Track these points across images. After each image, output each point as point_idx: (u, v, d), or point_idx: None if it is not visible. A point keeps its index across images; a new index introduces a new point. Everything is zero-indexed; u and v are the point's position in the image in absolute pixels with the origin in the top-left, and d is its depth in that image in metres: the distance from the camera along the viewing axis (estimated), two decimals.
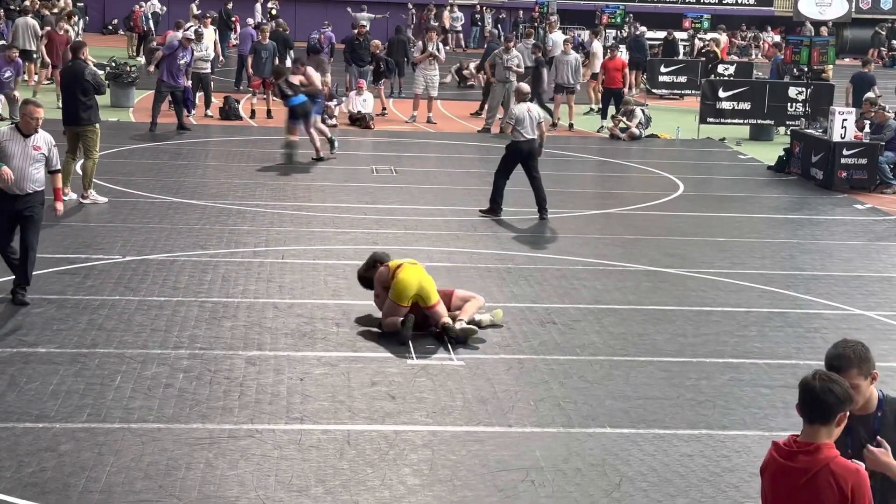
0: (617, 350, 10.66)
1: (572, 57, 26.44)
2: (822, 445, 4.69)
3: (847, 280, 13.70)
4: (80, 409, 8.66)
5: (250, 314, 11.25)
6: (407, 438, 8.41)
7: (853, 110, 21.09)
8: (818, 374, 4.79)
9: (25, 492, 7.27)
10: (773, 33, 49.85)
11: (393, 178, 19.32)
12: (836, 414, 4.71)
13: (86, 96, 16.01)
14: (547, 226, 15.98)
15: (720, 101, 25.39)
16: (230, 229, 14.87)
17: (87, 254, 13.26)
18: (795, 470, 4.71)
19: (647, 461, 8.23)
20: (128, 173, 18.35)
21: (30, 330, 10.45)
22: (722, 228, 16.34)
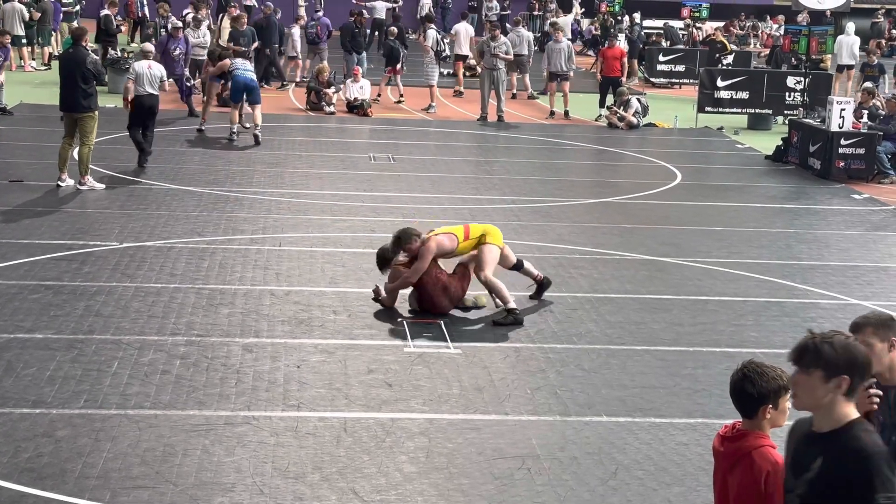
0: (614, 339, 10.67)
1: (564, 44, 26.36)
2: (749, 433, 4.73)
3: (844, 270, 13.71)
4: (77, 395, 8.66)
5: (247, 301, 11.25)
6: (403, 426, 8.42)
7: (850, 100, 21.09)
8: (743, 367, 4.73)
9: (22, 477, 7.28)
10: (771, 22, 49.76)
11: (390, 165, 19.31)
12: (754, 408, 4.67)
13: (86, 84, 15.99)
14: (545, 215, 15.97)
15: (718, 90, 25.38)
16: (227, 216, 14.86)
17: (85, 240, 13.25)
18: (724, 455, 4.83)
19: (644, 450, 8.24)
20: (125, 160, 18.31)
21: (27, 315, 10.44)
22: (719, 218, 16.35)
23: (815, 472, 4.13)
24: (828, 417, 4.17)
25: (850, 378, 4.11)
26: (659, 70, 32.85)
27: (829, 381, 4.12)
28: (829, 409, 4.16)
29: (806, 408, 4.22)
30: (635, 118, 24.93)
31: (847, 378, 4.11)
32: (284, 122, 23.27)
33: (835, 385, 4.11)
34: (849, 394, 4.15)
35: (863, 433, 4.11)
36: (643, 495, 7.55)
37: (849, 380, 4.11)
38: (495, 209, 16.12)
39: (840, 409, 4.15)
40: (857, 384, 4.16)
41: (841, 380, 4.11)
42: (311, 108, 25.14)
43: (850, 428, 4.13)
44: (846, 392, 4.14)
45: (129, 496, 7.13)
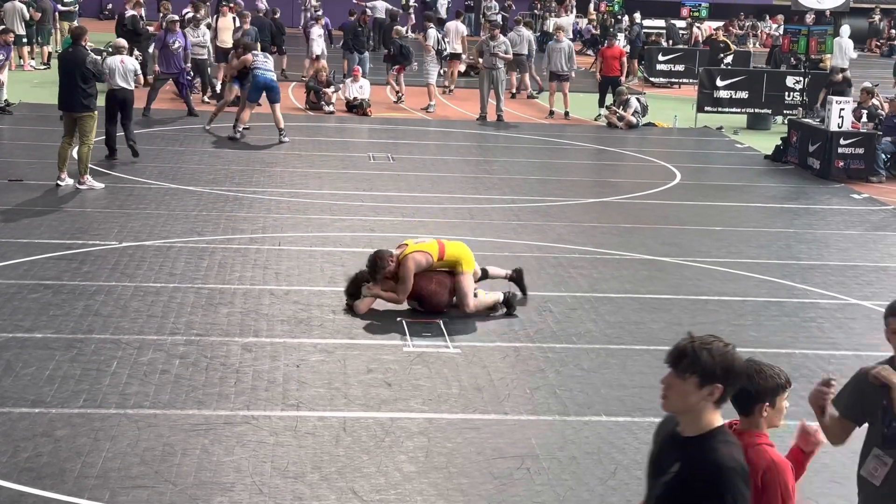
0: (613, 338, 10.67)
1: (565, 44, 26.36)
2: (744, 433, 4.73)
3: (843, 269, 13.71)
4: (77, 394, 8.66)
5: (247, 301, 11.25)
6: (403, 426, 8.42)
7: (850, 99, 21.09)
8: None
9: (21, 477, 7.28)
10: (770, 22, 49.77)
11: (390, 165, 19.31)
12: (751, 406, 4.68)
13: (86, 83, 15.98)
14: (544, 214, 15.97)
15: (718, 90, 25.39)
16: (227, 216, 14.86)
17: (84, 239, 13.25)
18: None
19: (643, 449, 8.22)
20: (124, 159, 18.31)
21: (26, 315, 10.44)
22: (718, 217, 16.35)
23: (672, 476, 4.08)
24: (694, 423, 4.11)
25: (723, 387, 4.05)
26: (658, 70, 32.86)
27: (703, 388, 4.05)
28: (698, 414, 4.09)
29: (675, 410, 4.16)
30: (634, 118, 24.93)
31: (721, 387, 4.05)
32: (284, 121, 23.24)
33: (708, 392, 4.05)
34: (719, 402, 4.09)
35: (721, 444, 4.04)
36: (642, 495, 7.53)
37: (722, 388, 4.05)
38: (495, 209, 16.12)
39: (707, 415, 4.09)
40: (730, 393, 4.11)
41: (714, 388, 4.05)
42: (310, 108, 25.13)
43: (711, 437, 4.07)
44: (717, 400, 4.07)
45: (129, 496, 7.13)
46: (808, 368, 10.10)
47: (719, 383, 4.04)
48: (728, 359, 4.06)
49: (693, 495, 4.00)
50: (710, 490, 3.96)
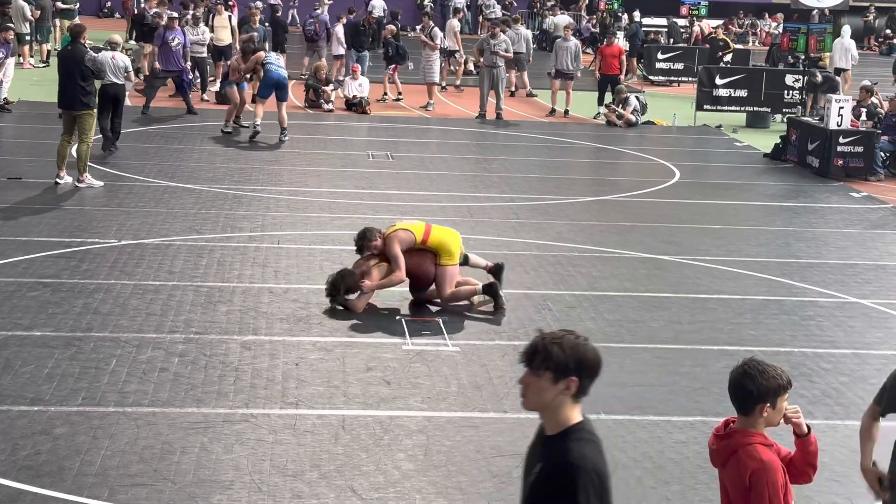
0: (612, 337, 10.67)
1: (572, 43, 26.38)
2: (739, 432, 4.75)
3: (842, 268, 13.71)
4: (75, 392, 8.66)
5: (246, 299, 11.25)
6: (402, 424, 8.42)
7: (849, 98, 21.09)
8: (744, 363, 4.72)
9: (20, 475, 7.28)
10: (770, 20, 49.76)
11: (389, 163, 19.30)
12: (751, 405, 4.69)
13: (85, 81, 15.98)
14: (543, 212, 15.97)
15: (717, 89, 25.38)
16: (226, 214, 14.85)
17: (83, 237, 13.25)
18: (717, 452, 4.86)
19: (642, 447, 8.24)
20: (123, 157, 18.32)
21: (25, 313, 10.44)
22: (718, 216, 16.35)
23: (534, 476, 4.03)
24: (554, 420, 4.07)
25: (578, 379, 4.02)
26: (658, 68, 32.85)
27: (558, 383, 4.01)
28: (556, 411, 4.05)
29: (534, 409, 4.10)
30: (634, 116, 24.92)
31: (575, 379, 4.02)
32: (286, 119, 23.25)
33: (563, 386, 4.01)
34: (577, 395, 4.05)
35: (575, 442, 4.00)
36: (641, 493, 7.55)
37: (577, 381, 4.02)
38: (494, 207, 16.12)
39: (565, 411, 4.05)
40: (587, 385, 4.06)
41: (569, 381, 4.02)
42: (309, 106, 25.13)
43: (567, 435, 4.03)
44: (575, 393, 4.04)
45: (128, 494, 7.13)
46: (807, 367, 10.10)
47: (573, 376, 4.01)
48: (580, 351, 4.03)
49: (549, 496, 3.94)
50: (562, 490, 3.92)
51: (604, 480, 3.96)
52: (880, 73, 33.51)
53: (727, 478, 4.79)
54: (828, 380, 9.83)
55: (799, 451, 4.91)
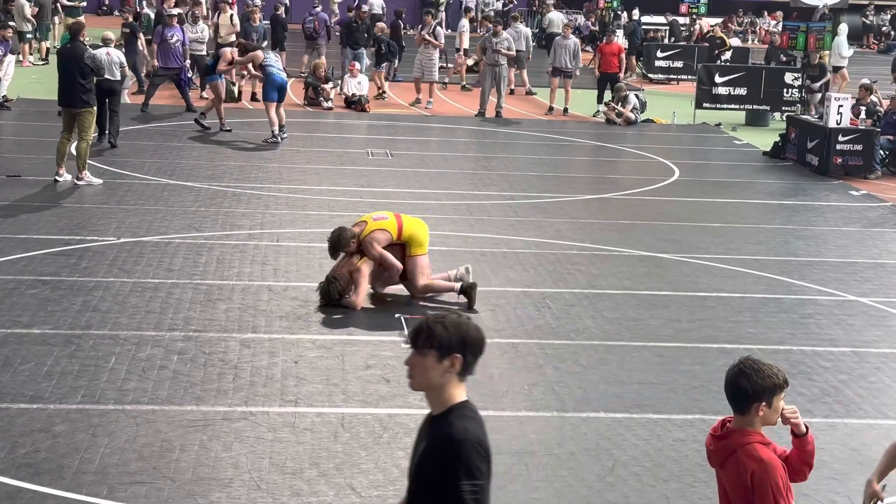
0: (611, 335, 10.67)
1: (571, 41, 26.37)
2: (736, 431, 4.75)
3: (841, 266, 13.71)
4: (75, 390, 8.66)
5: (245, 297, 11.25)
6: (401, 421, 8.42)
7: (848, 96, 21.09)
8: (740, 362, 4.74)
9: (19, 472, 7.28)
10: (769, 18, 49.76)
11: (388, 161, 19.30)
12: (748, 404, 4.69)
13: (84, 79, 15.97)
14: (542, 211, 15.97)
15: (716, 87, 25.37)
16: (225, 212, 14.85)
17: (82, 235, 13.24)
18: (714, 452, 4.86)
19: (641, 446, 8.25)
20: (123, 155, 18.32)
21: (24, 311, 10.44)
22: (717, 214, 16.35)
23: (419, 456, 4.10)
24: (439, 400, 4.13)
25: (462, 356, 4.07)
26: (657, 66, 32.84)
27: (443, 361, 4.07)
28: (442, 390, 4.12)
29: (420, 388, 4.17)
30: (633, 114, 24.92)
31: (459, 356, 4.07)
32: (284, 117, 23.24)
33: (448, 364, 4.07)
34: (462, 373, 4.10)
35: (458, 419, 4.06)
36: (640, 491, 7.55)
37: (461, 358, 4.07)
38: (493, 205, 16.12)
39: (450, 390, 4.12)
40: (472, 362, 4.12)
41: (454, 359, 4.07)
42: (308, 104, 25.12)
43: (451, 413, 4.10)
44: (460, 371, 4.09)
45: (127, 491, 7.13)
46: (806, 365, 10.11)
47: (457, 353, 4.07)
48: (462, 329, 4.09)
49: (432, 471, 4.01)
50: (444, 463, 3.98)
51: (487, 453, 4.04)
52: (879, 71, 33.50)
53: (726, 478, 4.79)
54: (827, 378, 9.83)
55: (796, 450, 4.90)
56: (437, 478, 3.99)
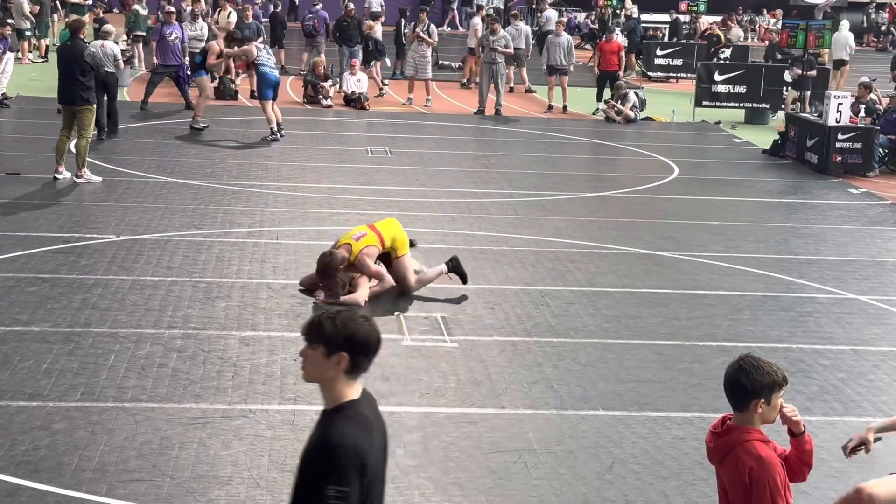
0: (610, 333, 10.68)
1: (564, 38, 26.37)
2: (735, 429, 4.76)
3: (841, 264, 13.72)
4: (74, 387, 8.66)
5: (244, 294, 11.25)
6: (400, 420, 8.42)
7: (848, 94, 21.09)
8: (740, 359, 4.75)
9: (19, 470, 7.28)
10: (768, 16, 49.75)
11: (388, 159, 19.30)
12: (746, 401, 4.70)
13: (84, 77, 15.96)
14: (542, 208, 15.97)
15: (716, 85, 25.38)
16: (224, 209, 14.85)
17: (81, 233, 13.24)
18: (713, 450, 4.86)
19: (640, 444, 8.25)
20: (122, 152, 18.32)
21: (23, 308, 10.44)
22: (716, 212, 16.35)
23: (303, 452, 4.09)
24: (330, 395, 4.16)
25: (348, 355, 4.08)
26: (656, 64, 32.83)
27: (330, 358, 4.09)
28: (330, 386, 4.14)
29: (311, 381, 4.20)
30: (633, 112, 24.93)
31: (346, 355, 4.08)
32: (282, 115, 23.23)
33: (335, 361, 4.08)
34: (350, 372, 4.11)
35: (340, 420, 4.07)
36: (639, 489, 7.55)
37: (347, 357, 4.08)
38: (492, 203, 16.12)
39: (339, 387, 4.13)
40: (360, 362, 4.11)
41: (340, 357, 4.08)
42: (308, 102, 25.11)
43: (337, 411, 4.11)
44: (347, 370, 4.10)
45: (126, 489, 7.13)
46: (805, 363, 10.11)
47: (344, 352, 4.08)
48: (351, 328, 4.09)
49: (309, 475, 3.99)
50: (315, 464, 3.98)
51: (362, 459, 3.99)
52: (879, 69, 33.50)
53: (725, 475, 4.80)
54: (826, 376, 9.84)
55: (794, 450, 4.91)
56: (308, 478, 3.98)
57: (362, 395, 4.17)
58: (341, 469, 3.94)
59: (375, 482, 4.09)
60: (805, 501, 7.28)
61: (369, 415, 4.15)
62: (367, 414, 4.13)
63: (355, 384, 4.15)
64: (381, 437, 4.18)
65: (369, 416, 4.14)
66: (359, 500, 3.97)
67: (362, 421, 4.10)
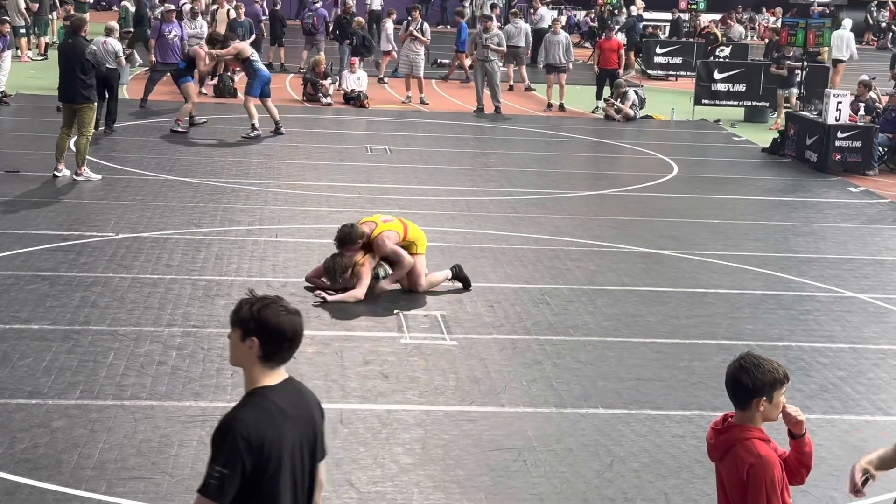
0: (610, 331, 10.68)
1: (562, 36, 26.36)
2: (736, 426, 4.75)
3: (840, 263, 13.72)
4: (73, 385, 8.66)
5: (244, 292, 11.21)
6: (400, 418, 8.43)
7: (847, 92, 21.08)
8: (741, 357, 4.76)
9: (18, 468, 7.28)
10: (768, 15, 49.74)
11: (387, 157, 19.30)
12: (748, 399, 4.70)
13: (85, 74, 15.94)
14: (541, 207, 15.97)
15: (715, 83, 25.37)
16: (224, 207, 14.85)
17: (81, 231, 13.24)
18: (714, 446, 4.86)
19: (639, 442, 8.25)
20: (122, 150, 18.32)
21: (23, 306, 10.44)
22: (716, 210, 16.35)
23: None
24: (247, 378, 4.21)
25: (259, 341, 4.11)
26: (656, 62, 32.82)
27: (244, 341, 4.14)
28: (247, 370, 4.19)
29: (232, 363, 4.26)
30: (632, 110, 24.92)
31: (256, 340, 4.12)
32: (281, 113, 23.18)
33: (248, 346, 4.13)
34: (265, 358, 4.14)
35: (243, 404, 4.14)
36: (639, 487, 7.55)
37: (258, 342, 4.11)
38: (492, 201, 16.12)
39: (254, 372, 4.18)
40: (274, 350, 4.14)
41: (252, 341, 4.12)
42: (307, 100, 25.11)
43: (247, 395, 4.18)
44: (261, 356, 4.13)
45: (125, 487, 7.13)
46: (805, 361, 10.11)
47: (255, 337, 4.12)
48: (265, 314, 4.13)
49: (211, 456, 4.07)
50: (211, 445, 4.06)
51: (257, 446, 4.02)
52: (878, 67, 33.50)
53: (724, 472, 4.80)
54: (825, 374, 9.84)
55: (794, 452, 4.91)
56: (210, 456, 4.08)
57: (284, 384, 4.20)
58: (227, 452, 4.00)
59: (282, 473, 4.09)
60: (805, 500, 7.28)
61: (284, 405, 4.16)
62: (280, 403, 4.15)
63: (273, 372, 4.18)
64: (302, 430, 4.18)
65: (283, 405, 4.15)
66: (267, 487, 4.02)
67: (271, 409, 4.12)
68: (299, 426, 4.18)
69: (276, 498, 4.09)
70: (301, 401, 4.26)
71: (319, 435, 4.31)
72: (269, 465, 4.05)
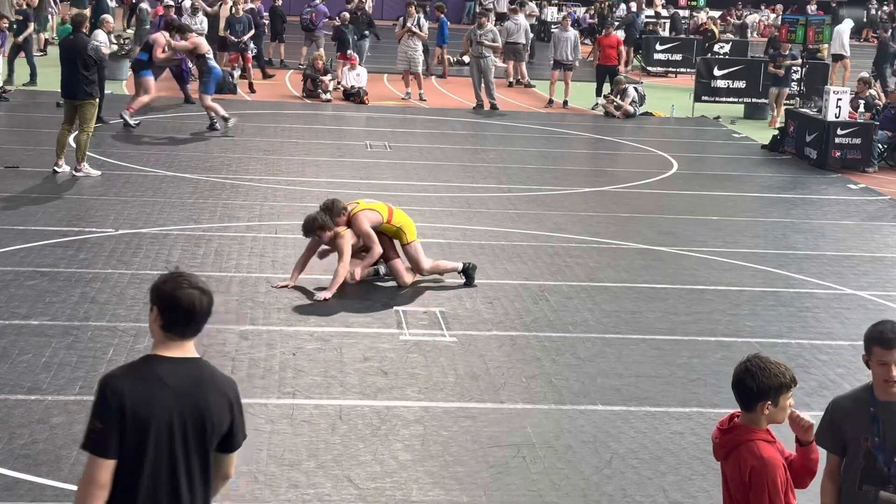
0: (609, 328, 10.68)
1: (571, 34, 26.39)
2: (741, 427, 4.76)
3: (840, 260, 13.72)
4: (73, 381, 8.66)
5: (243, 289, 11.25)
6: (399, 414, 8.43)
7: (847, 89, 21.09)
8: (747, 360, 4.76)
9: (17, 463, 7.28)
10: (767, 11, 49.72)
11: (387, 153, 19.30)
12: (753, 402, 4.71)
13: (87, 70, 15.92)
14: (541, 203, 15.97)
15: (715, 80, 25.37)
16: (223, 203, 14.85)
17: (80, 227, 13.24)
18: (719, 446, 4.87)
19: (639, 438, 8.25)
20: (121, 146, 18.31)
21: (22, 302, 10.43)
22: (715, 207, 16.35)
23: None
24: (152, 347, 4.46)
25: (158, 309, 4.35)
26: (656, 59, 32.81)
27: (152, 311, 4.41)
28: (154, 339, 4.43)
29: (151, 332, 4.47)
30: (632, 107, 24.92)
31: (156, 309, 4.37)
32: (281, 109, 23.25)
33: (154, 316, 4.37)
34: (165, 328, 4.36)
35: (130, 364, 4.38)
36: (638, 484, 7.56)
37: (157, 311, 4.36)
38: (491, 197, 16.12)
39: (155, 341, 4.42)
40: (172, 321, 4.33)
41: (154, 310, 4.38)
42: (307, 96, 25.10)
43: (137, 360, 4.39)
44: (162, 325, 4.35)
45: None
46: (804, 358, 10.11)
47: (155, 306, 4.37)
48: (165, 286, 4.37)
49: None
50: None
51: (121, 403, 4.16)
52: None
53: (728, 472, 4.80)
54: (824, 371, 9.84)
55: (799, 457, 4.90)
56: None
57: (182, 360, 4.36)
58: (98, 405, 4.17)
59: (148, 439, 4.16)
60: (804, 499, 7.27)
61: (166, 376, 4.28)
62: (162, 375, 4.29)
63: (173, 344, 4.37)
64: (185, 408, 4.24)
65: (164, 376, 4.28)
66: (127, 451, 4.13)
67: (147, 374, 4.28)
68: (180, 401, 4.24)
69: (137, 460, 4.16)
70: (195, 381, 4.33)
71: (212, 421, 4.32)
72: (129, 423, 4.13)
